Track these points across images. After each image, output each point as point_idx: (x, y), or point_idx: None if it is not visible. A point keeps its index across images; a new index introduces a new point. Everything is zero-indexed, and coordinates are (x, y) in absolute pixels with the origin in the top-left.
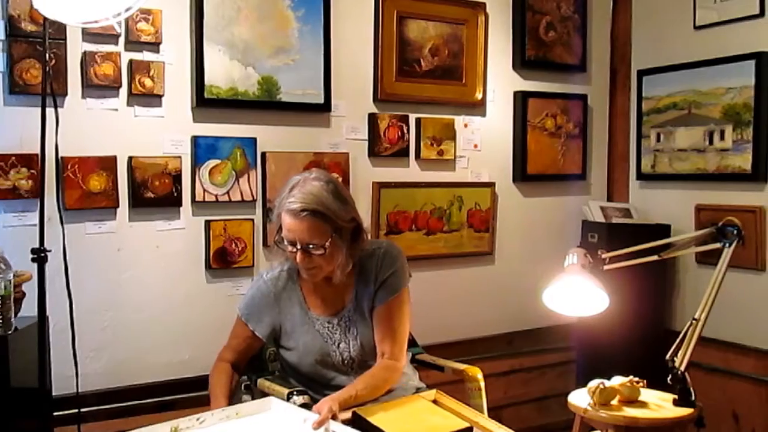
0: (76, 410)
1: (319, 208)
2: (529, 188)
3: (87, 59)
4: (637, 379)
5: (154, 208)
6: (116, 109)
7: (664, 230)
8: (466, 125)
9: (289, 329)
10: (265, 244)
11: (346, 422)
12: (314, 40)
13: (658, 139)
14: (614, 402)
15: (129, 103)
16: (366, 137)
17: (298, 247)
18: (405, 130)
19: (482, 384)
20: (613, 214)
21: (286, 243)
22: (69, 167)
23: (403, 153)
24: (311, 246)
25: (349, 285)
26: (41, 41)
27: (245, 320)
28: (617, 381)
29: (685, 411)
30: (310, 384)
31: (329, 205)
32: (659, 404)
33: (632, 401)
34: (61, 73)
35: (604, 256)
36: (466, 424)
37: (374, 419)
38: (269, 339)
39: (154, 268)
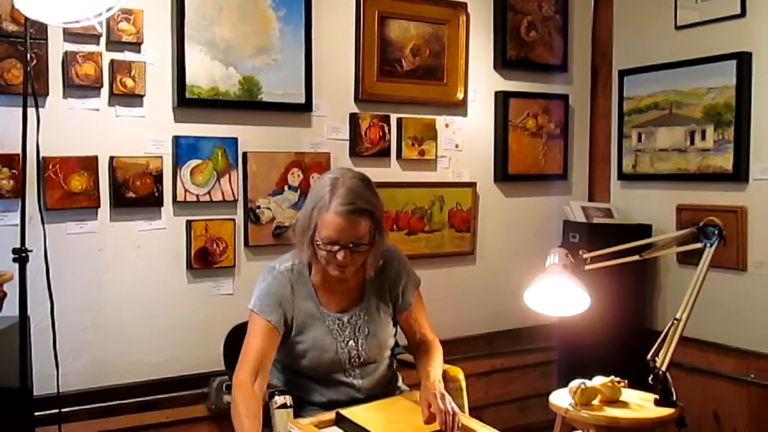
0: (57, 410)
1: (368, 206)
2: (511, 188)
3: (68, 59)
4: (618, 379)
5: (135, 208)
6: (97, 109)
7: (645, 230)
8: (447, 125)
9: (300, 322)
10: (246, 244)
11: (329, 423)
12: (295, 40)
13: (640, 139)
14: (595, 402)
15: (110, 103)
16: (347, 137)
17: (342, 245)
18: (386, 130)
19: (463, 384)
20: (594, 214)
21: (321, 242)
22: (50, 167)
23: (385, 153)
24: (355, 245)
25: (358, 283)
26: (22, 41)
27: (259, 312)
28: (598, 381)
29: (666, 411)
30: (305, 380)
31: (374, 203)
32: (640, 404)
33: (613, 401)
34: (43, 73)
35: (585, 256)
36: None
37: (359, 420)
38: (283, 330)
39: (135, 268)
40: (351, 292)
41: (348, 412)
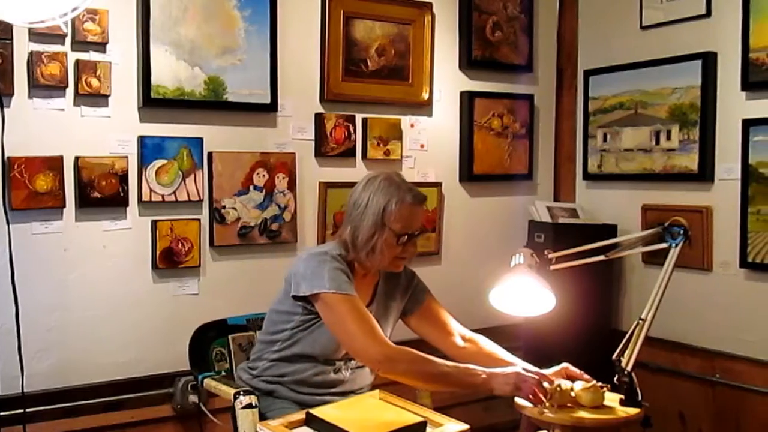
0: (22, 410)
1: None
2: (476, 188)
3: (33, 59)
4: (601, 384)
5: (100, 208)
6: (63, 109)
7: (610, 230)
8: (412, 125)
9: None
10: (211, 244)
11: (299, 423)
12: (261, 40)
13: (605, 139)
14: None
15: (76, 103)
16: (313, 137)
17: (413, 233)
18: (351, 130)
19: None
20: (559, 214)
21: (396, 238)
22: (15, 167)
23: (350, 153)
24: (420, 231)
25: (373, 280)
26: None
27: (345, 292)
28: (578, 385)
29: (631, 411)
30: (303, 361)
31: None
32: (606, 404)
33: (596, 407)
34: (8, 73)
35: (550, 256)
36: (420, 419)
37: (330, 418)
38: None
39: (100, 269)
40: (368, 287)
41: (318, 411)
